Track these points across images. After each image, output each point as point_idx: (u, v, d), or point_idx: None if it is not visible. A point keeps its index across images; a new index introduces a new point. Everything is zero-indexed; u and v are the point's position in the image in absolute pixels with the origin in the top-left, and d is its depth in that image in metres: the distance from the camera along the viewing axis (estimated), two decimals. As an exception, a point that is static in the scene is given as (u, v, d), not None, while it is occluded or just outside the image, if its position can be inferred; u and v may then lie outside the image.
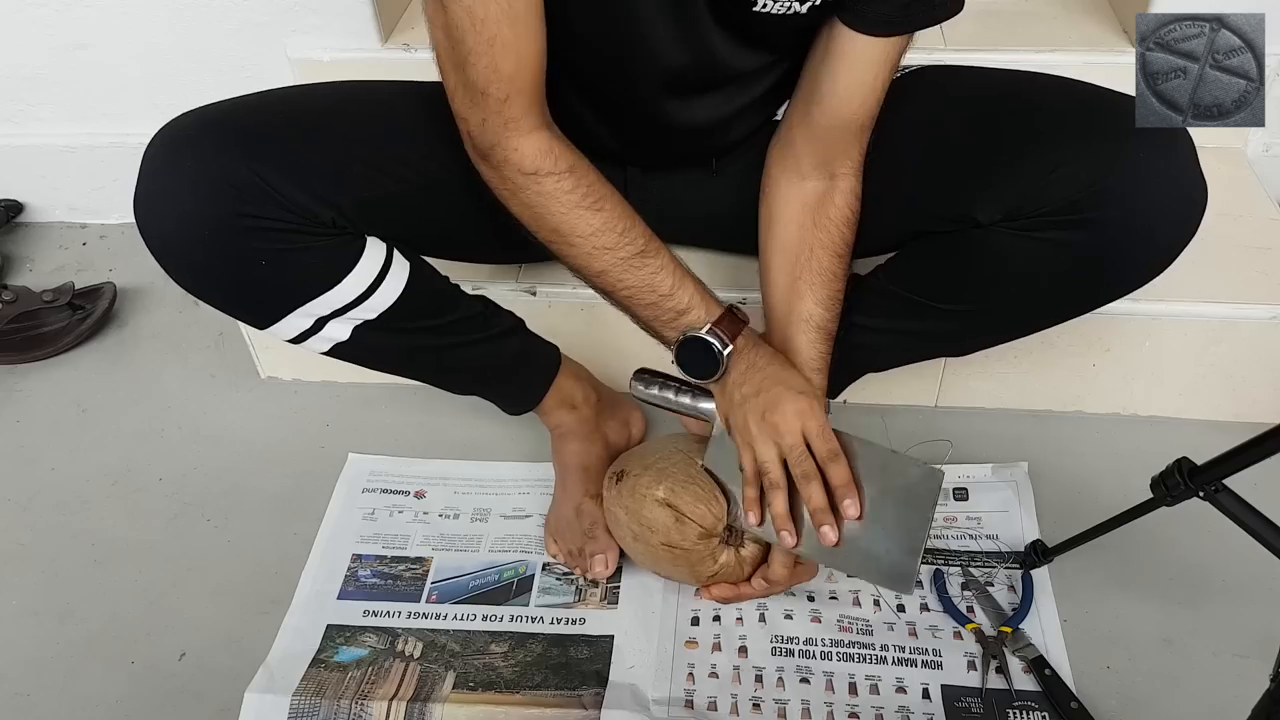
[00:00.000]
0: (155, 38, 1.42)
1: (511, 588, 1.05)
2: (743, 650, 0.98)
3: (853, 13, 0.79)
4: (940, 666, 0.95)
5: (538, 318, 1.09)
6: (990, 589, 1.02)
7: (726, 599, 0.98)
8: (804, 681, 0.95)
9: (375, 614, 1.03)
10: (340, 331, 0.92)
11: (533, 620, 1.02)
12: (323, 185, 0.84)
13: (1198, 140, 0.81)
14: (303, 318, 0.89)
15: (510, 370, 1.07)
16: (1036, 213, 0.81)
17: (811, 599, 1.02)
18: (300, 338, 0.92)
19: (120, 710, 0.97)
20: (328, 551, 1.10)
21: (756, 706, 0.93)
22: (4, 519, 1.16)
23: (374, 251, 0.89)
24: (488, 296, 1.04)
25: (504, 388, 1.09)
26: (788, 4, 0.78)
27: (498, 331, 1.03)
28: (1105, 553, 0.98)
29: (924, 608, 1.01)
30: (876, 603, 1.01)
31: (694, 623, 1.00)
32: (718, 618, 1.00)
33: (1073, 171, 0.79)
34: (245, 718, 0.93)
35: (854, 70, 0.82)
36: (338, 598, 1.05)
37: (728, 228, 1.05)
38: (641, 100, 0.88)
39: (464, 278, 1.10)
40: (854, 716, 0.92)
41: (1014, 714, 0.91)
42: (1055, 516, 1.07)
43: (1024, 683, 0.93)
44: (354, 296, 0.89)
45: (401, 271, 0.92)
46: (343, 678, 0.96)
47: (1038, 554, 0.99)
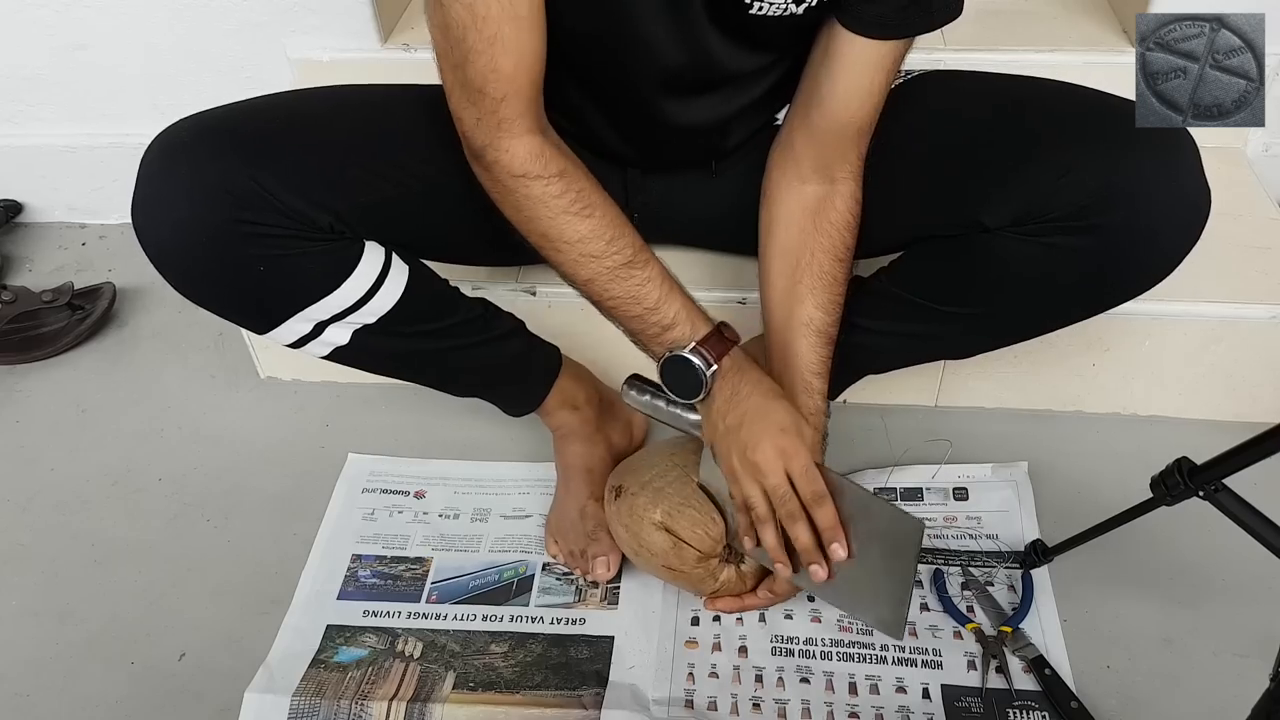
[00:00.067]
0: (155, 38, 1.42)
1: (511, 588, 1.05)
2: (743, 650, 0.98)
3: (850, 15, 0.79)
4: (940, 666, 0.95)
5: (538, 318, 1.09)
6: (990, 589, 1.02)
7: (731, 610, 0.99)
8: (804, 681, 0.95)
9: (375, 614, 1.03)
10: (340, 336, 0.92)
11: (533, 620, 1.02)
12: (320, 191, 0.83)
13: (1198, 140, 0.81)
14: (302, 323, 0.89)
15: (511, 372, 1.06)
16: (1044, 217, 0.81)
17: (812, 599, 1.01)
18: (300, 343, 0.92)
19: (120, 710, 0.97)
20: (328, 551, 1.10)
21: (756, 706, 0.93)
22: (4, 519, 1.16)
23: (372, 255, 0.89)
24: (488, 299, 1.04)
25: (505, 389, 1.09)
26: (783, 5, 0.78)
27: (498, 333, 1.02)
28: (1105, 553, 0.98)
29: (924, 607, 1.01)
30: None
31: (694, 623, 1.01)
32: (718, 618, 1.00)
33: (1081, 177, 0.79)
34: (245, 718, 0.93)
35: (852, 73, 0.82)
36: (338, 598, 1.05)
37: (727, 230, 1.05)
38: (640, 99, 0.88)
39: (464, 279, 1.10)
40: (854, 716, 0.92)
41: (1014, 714, 0.91)
42: (1055, 516, 1.07)
43: (1024, 682, 0.93)
44: (353, 301, 0.89)
45: (400, 275, 0.92)
46: (343, 678, 0.96)
47: (1038, 554, 0.99)
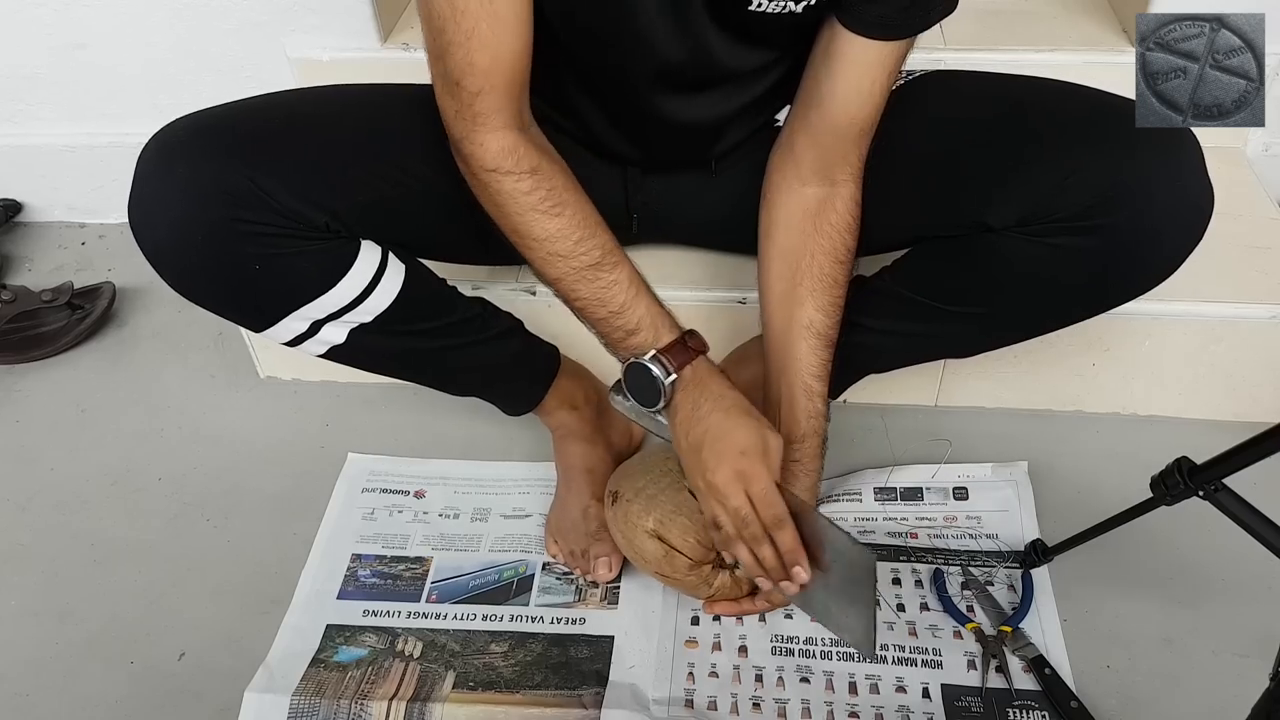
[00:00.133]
0: (154, 37, 1.42)
1: (511, 587, 1.05)
2: (743, 650, 0.98)
3: (851, 14, 0.79)
4: (940, 666, 0.95)
5: (537, 318, 1.09)
6: (990, 588, 1.01)
7: (730, 613, 0.99)
8: (804, 681, 0.95)
9: (375, 614, 1.03)
10: (336, 335, 0.92)
11: (533, 620, 1.02)
12: (317, 190, 0.83)
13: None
14: (298, 321, 0.89)
15: (509, 371, 1.06)
16: (1049, 218, 0.81)
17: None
18: (296, 341, 0.92)
19: (120, 710, 0.97)
20: (327, 551, 1.10)
21: (756, 706, 0.93)
22: (4, 519, 1.16)
23: (369, 255, 0.89)
24: (486, 298, 1.04)
25: (504, 389, 1.09)
26: (783, 4, 0.78)
27: (496, 333, 1.02)
28: (1105, 552, 0.98)
29: (924, 607, 1.01)
30: (877, 602, 1.01)
31: (694, 622, 1.01)
32: (717, 618, 1.00)
33: (1087, 178, 0.79)
34: (245, 717, 0.93)
35: (852, 73, 0.82)
36: (337, 597, 1.05)
37: (727, 230, 1.05)
38: (639, 96, 0.88)
39: (463, 279, 1.10)
40: (854, 716, 0.92)
41: (1014, 713, 0.91)
42: (1055, 516, 1.07)
43: (1024, 682, 0.93)
44: (349, 300, 0.89)
45: (397, 274, 0.91)
46: (342, 677, 0.96)
47: (1038, 553, 1.00)
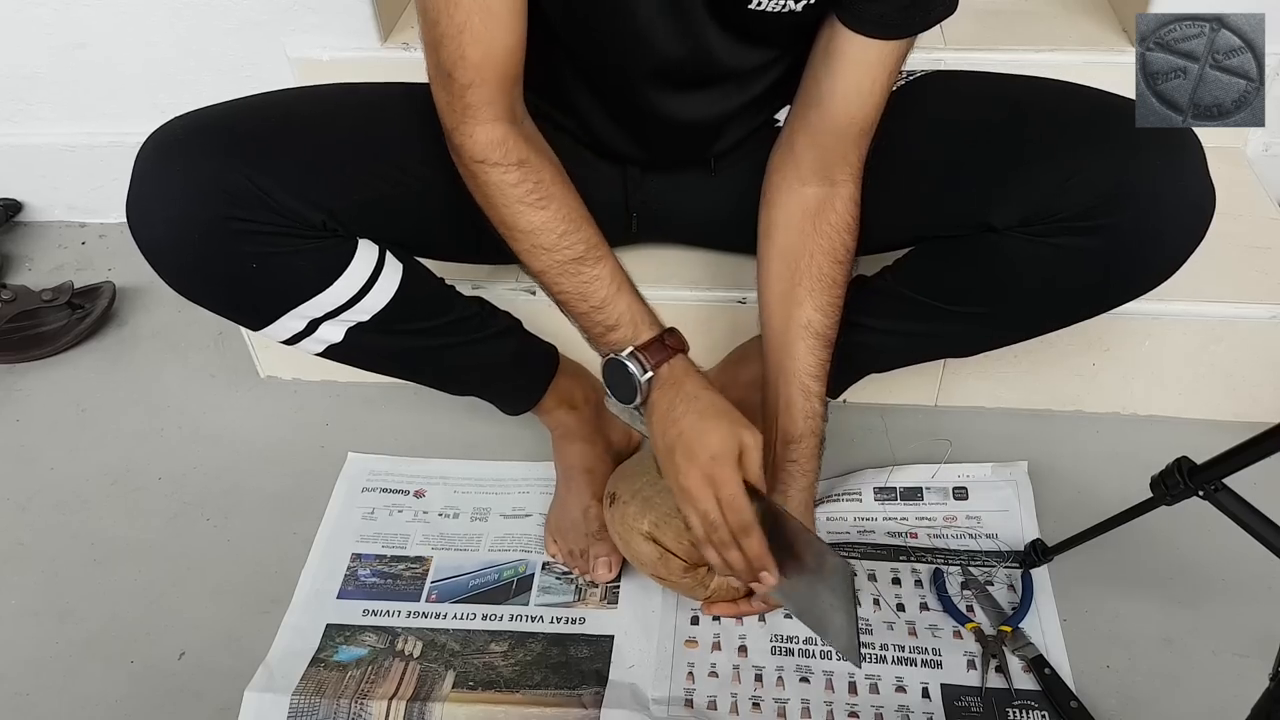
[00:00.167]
0: (154, 37, 1.42)
1: (511, 587, 1.05)
2: (742, 649, 0.98)
3: (851, 13, 0.79)
4: (940, 666, 0.95)
5: (537, 317, 1.09)
6: (990, 588, 1.01)
7: (728, 615, 0.98)
8: (804, 680, 0.95)
9: (375, 613, 1.03)
10: (334, 333, 0.92)
11: (532, 619, 1.02)
12: (314, 189, 0.84)
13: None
14: (296, 320, 0.89)
15: (508, 370, 1.06)
16: (1052, 218, 0.81)
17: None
18: (294, 339, 0.92)
19: (120, 710, 0.97)
20: (327, 551, 1.10)
21: (756, 705, 0.93)
22: (4, 519, 1.16)
23: (366, 253, 0.89)
24: (484, 297, 1.04)
25: (502, 388, 1.09)
26: (782, 2, 0.78)
27: (494, 332, 1.02)
28: (1105, 552, 0.98)
29: (924, 607, 1.01)
30: (876, 602, 1.01)
31: (694, 622, 1.01)
32: (717, 617, 1.00)
33: (1089, 178, 0.79)
34: (245, 717, 0.93)
35: (852, 72, 0.82)
36: (337, 597, 1.05)
37: (727, 229, 1.05)
38: (639, 93, 0.88)
39: (463, 278, 1.10)
40: (854, 716, 0.92)
41: (1014, 713, 0.91)
42: (1055, 516, 1.07)
43: (1024, 682, 0.93)
44: (347, 298, 0.89)
45: (394, 273, 0.91)
46: (342, 677, 0.96)
47: (1037, 553, 1.00)
